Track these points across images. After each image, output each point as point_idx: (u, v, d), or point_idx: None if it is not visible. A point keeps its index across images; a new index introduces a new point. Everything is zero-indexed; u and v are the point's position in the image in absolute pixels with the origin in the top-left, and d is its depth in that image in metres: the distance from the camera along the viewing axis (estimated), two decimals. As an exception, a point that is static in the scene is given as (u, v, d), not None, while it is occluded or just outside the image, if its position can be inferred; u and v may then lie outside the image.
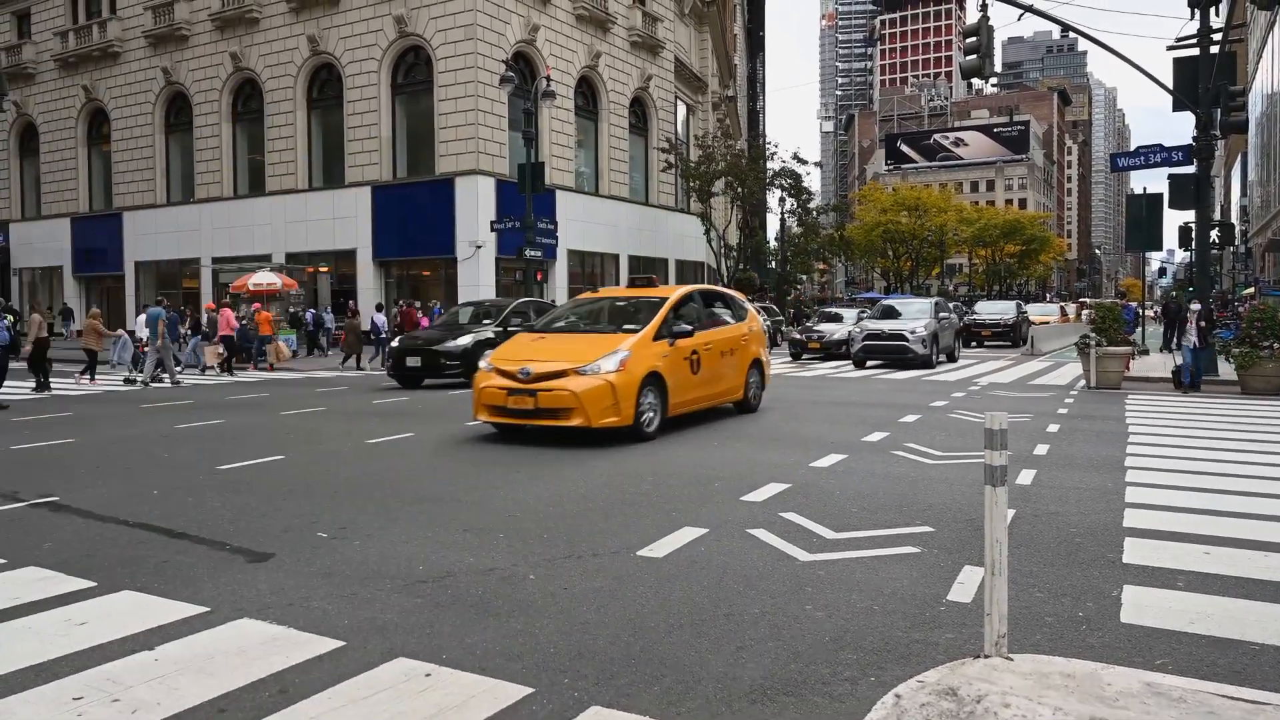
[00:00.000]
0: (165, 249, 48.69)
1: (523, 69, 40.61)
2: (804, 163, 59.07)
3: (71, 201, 53.18)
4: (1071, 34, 28.33)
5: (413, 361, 22.76)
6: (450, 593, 6.35)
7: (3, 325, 21.08)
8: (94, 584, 6.54)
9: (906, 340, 28.46)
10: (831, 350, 33.45)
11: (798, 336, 35.48)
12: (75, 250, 52.71)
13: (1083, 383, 23.00)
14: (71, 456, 12.59)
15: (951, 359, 31.87)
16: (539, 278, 34.86)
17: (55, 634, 5.54)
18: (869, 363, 29.74)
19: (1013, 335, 42.02)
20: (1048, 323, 46.62)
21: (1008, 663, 4.68)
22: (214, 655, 5.16)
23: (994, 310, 46.82)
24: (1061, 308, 59.54)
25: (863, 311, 38.53)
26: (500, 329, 22.82)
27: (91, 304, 50.62)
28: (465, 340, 22.82)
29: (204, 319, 32.87)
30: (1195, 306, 22.53)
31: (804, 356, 33.93)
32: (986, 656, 4.77)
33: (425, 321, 33.24)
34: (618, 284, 47.31)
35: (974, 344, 41.72)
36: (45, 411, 18.65)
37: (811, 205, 64.52)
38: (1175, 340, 23.60)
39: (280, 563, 7.10)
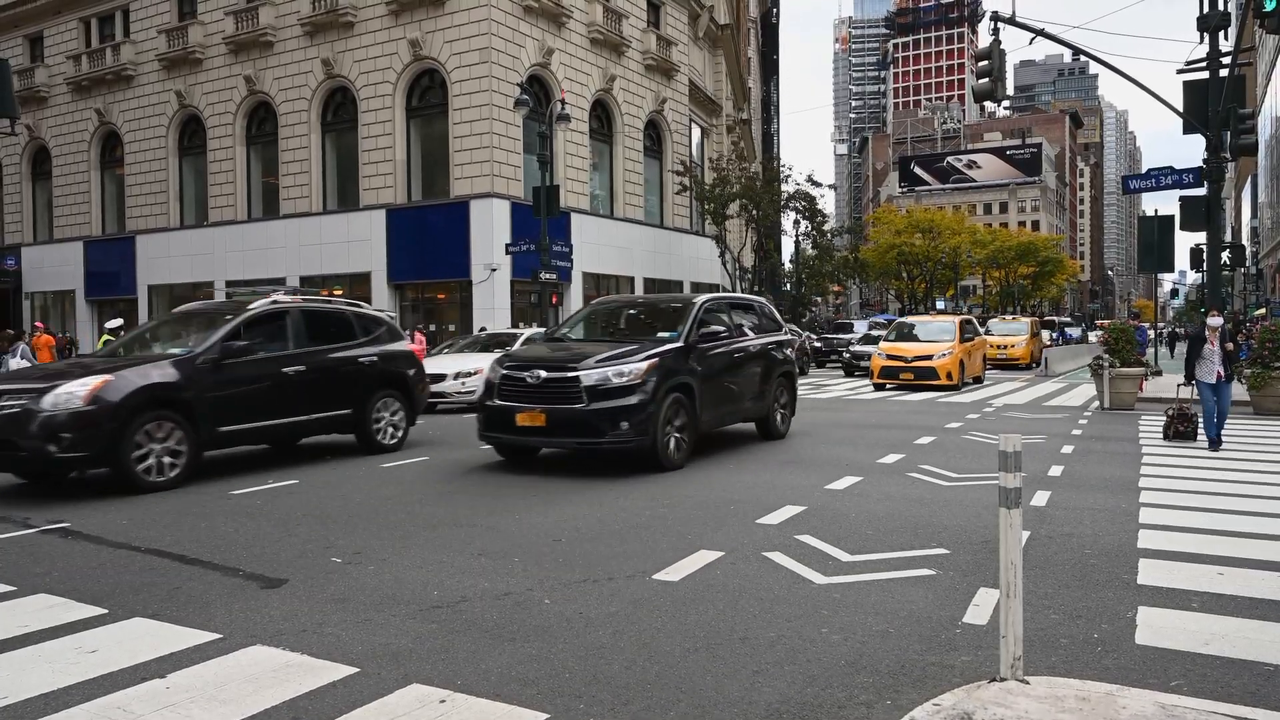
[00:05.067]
0: (179, 272, 48.80)
1: (537, 92, 40.76)
2: (818, 185, 59.02)
3: (84, 225, 53.33)
4: (1083, 57, 28.44)
5: None
6: (465, 618, 6.34)
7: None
8: (105, 611, 6.53)
9: None
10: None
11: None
12: (88, 274, 52.81)
13: (1096, 404, 22.95)
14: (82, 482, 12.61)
15: None
16: (554, 300, 34.87)
17: (66, 662, 5.55)
18: None
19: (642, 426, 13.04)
20: (927, 362, 28.83)
21: (1023, 685, 4.67)
22: (226, 683, 5.16)
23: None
24: (962, 323, 31.92)
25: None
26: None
27: (103, 328, 50.76)
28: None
29: (18, 348, 26.04)
30: (1216, 321, 15.87)
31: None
32: (1002, 679, 4.76)
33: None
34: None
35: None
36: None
37: (826, 227, 64.45)
38: (1189, 370, 15.83)
39: (293, 589, 7.10)
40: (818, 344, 46.18)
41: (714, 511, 9.88)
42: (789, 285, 68.46)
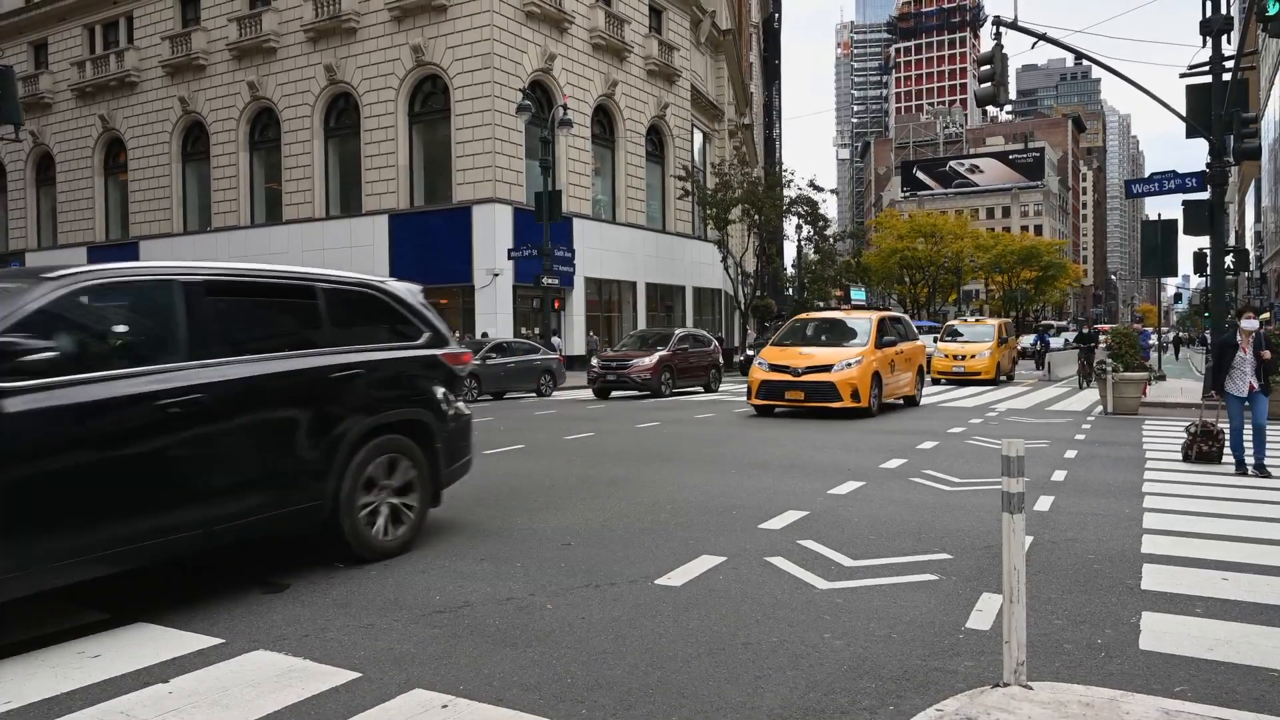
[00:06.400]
0: (183, 278, 48.78)
1: (539, 97, 40.83)
2: (820, 190, 58.95)
3: (88, 231, 53.48)
4: (1085, 61, 28.42)
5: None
6: (467, 622, 6.33)
7: None
8: (108, 616, 6.51)
9: None
10: None
11: None
12: (93, 280, 52.85)
13: (1100, 408, 22.93)
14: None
15: None
16: (556, 306, 34.89)
17: (69, 666, 5.53)
18: None
19: None
20: (824, 375, 20.87)
21: (1026, 691, 4.66)
22: (229, 688, 5.15)
23: None
24: (882, 322, 23.67)
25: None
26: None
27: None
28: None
29: None
30: (1250, 324, 13.33)
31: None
32: (1005, 685, 4.75)
33: None
34: (635, 312, 47.70)
35: None
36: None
37: (828, 232, 64.43)
38: (1216, 380, 13.59)
39: (296, 593, 7.08)
40: (750, 351, 39.50)
41: (716, 516, 9.86)
42: (791, 290, 68.46)
